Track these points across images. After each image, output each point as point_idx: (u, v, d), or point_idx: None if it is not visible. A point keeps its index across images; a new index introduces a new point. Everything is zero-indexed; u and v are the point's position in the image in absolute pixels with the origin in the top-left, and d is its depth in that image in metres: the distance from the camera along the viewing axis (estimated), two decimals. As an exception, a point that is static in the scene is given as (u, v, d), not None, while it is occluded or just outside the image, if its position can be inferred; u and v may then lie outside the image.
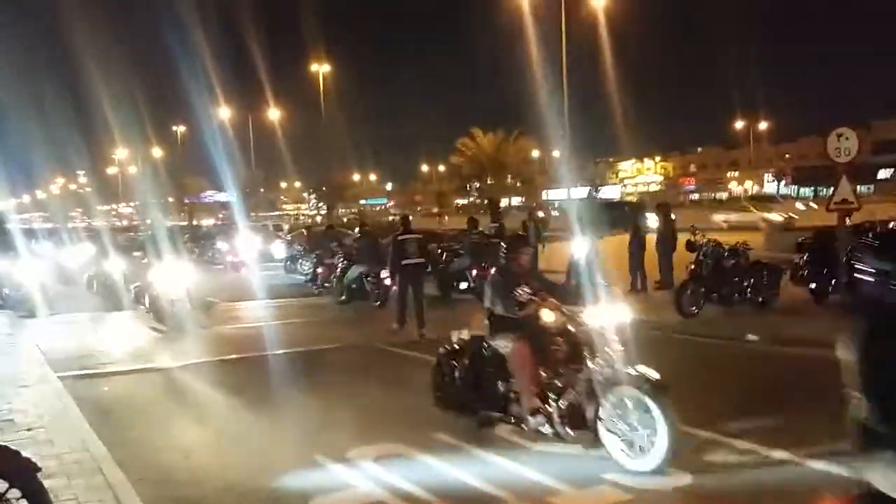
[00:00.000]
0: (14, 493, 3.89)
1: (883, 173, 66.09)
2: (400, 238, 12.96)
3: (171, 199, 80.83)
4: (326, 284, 16.85)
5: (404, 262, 12.69)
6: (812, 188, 74.16)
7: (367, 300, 15.59)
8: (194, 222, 64.66)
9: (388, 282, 14.41)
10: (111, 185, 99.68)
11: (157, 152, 74.41)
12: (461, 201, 79.18)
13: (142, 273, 14.44)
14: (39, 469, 3.98)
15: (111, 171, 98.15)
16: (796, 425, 6.56)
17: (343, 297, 15.97)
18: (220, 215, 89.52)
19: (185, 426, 7.46)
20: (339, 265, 16.49)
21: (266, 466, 5.98)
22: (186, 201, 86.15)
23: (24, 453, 4.15)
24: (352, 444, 6.37)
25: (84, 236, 24.74)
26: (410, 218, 15.02)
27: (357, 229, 18.64)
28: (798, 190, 76.12)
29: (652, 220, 16.82)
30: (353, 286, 15.80)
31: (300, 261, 23.19)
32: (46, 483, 4.97)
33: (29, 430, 6.68)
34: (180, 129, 77.22)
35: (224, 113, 59.32)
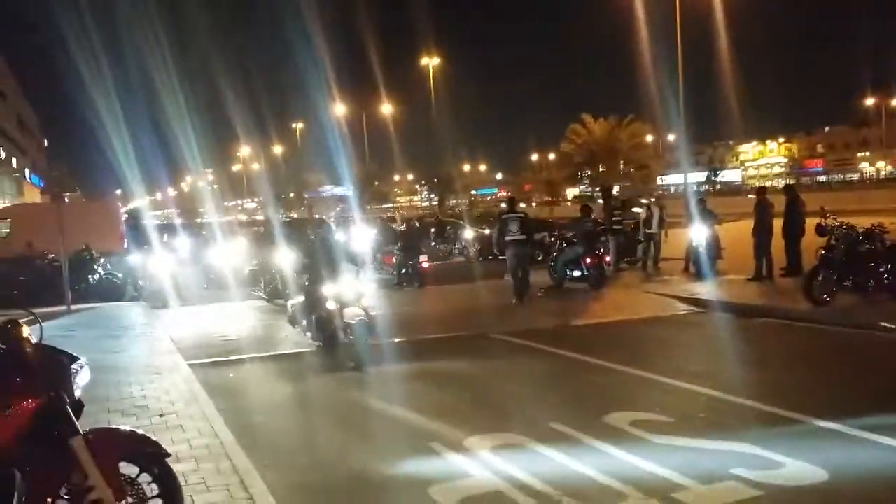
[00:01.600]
0: (145, 478, 4.07)
1: None
2: (504, 217, 14.64)
3: (291, 194, 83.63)
4: (394, 272, 18.93)
5: (507, 238, 14.27)
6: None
7: (412, 284, 17.94)
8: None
9: (425, 265, 18.13)
10: (237, 182, 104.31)
11: (278, 149, 77.12)
12: (573, 190, 78.07)
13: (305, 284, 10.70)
14: (169, 455, 4.14)
15: (236, 168, 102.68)
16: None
17: (396, 283, 18.33)
18: (338, 208, 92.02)
19: (306, 413, 7.65)
20: (395, 255, 18.98)
21: (385, 454, 6.04)
22: (306, 196, 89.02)
23: (156, 438, 4.33)
24: (468, 433, 6.35)
25: (235, 231, 25.77)
26: (515, 199, 17.45)
27: (404, 223, 21.45)
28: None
29: None
30: (403, 271, 18.39)
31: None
32: (176, 467, 5.19)
33: (161, 415, 7.00)
34: (299, 126, 79.87)
35: (339, 109, 60.87)
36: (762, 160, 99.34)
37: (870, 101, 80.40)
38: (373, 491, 5.40)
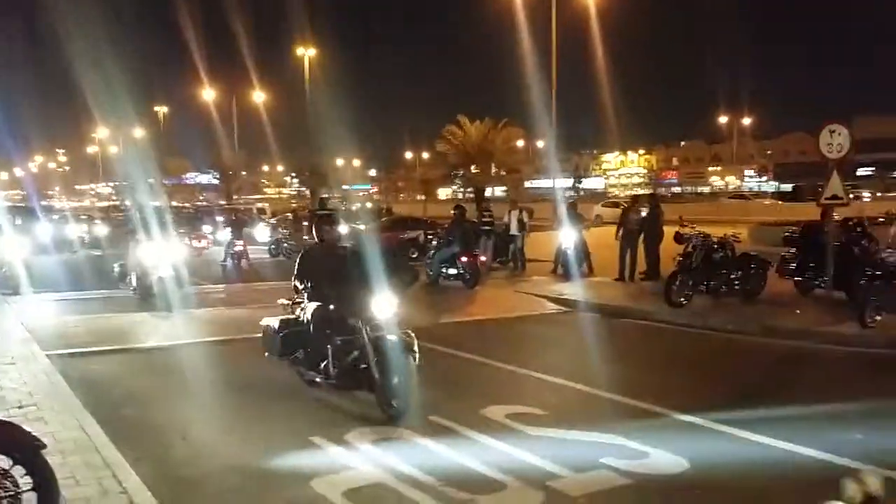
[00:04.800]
0: (18, 471, 3.84)
1: (863, 171, 66.73)
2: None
3: (151, 181, 79.86)
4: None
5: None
6: (793, 185, 74.87)
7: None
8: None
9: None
10: (91, 165, 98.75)
11: (139, 132, 73.39)
12: (445, 190, 78.98)
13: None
14: (45, 446, 3.93)
15: (91, 150, 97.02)
16: (786, 413, 6.69)
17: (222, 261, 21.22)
18: (201, 197, 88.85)
19: (177, 406, 7.39)
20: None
21: (263, 447, 5.95)
22: (166, 182, 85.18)
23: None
24: (348, 427, 6.36)
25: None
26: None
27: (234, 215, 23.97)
28: (779, 186, 76.86)
29: None
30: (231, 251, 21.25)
31: (284, 244, 23.60)
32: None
33: (20, 407, 6.59)
34: (162, 109, 76.51)
35: (208, 94, 58.81)
36: (623, 170, 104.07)
37: (723, 119, 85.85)
38: (254, 483, 5.32)
